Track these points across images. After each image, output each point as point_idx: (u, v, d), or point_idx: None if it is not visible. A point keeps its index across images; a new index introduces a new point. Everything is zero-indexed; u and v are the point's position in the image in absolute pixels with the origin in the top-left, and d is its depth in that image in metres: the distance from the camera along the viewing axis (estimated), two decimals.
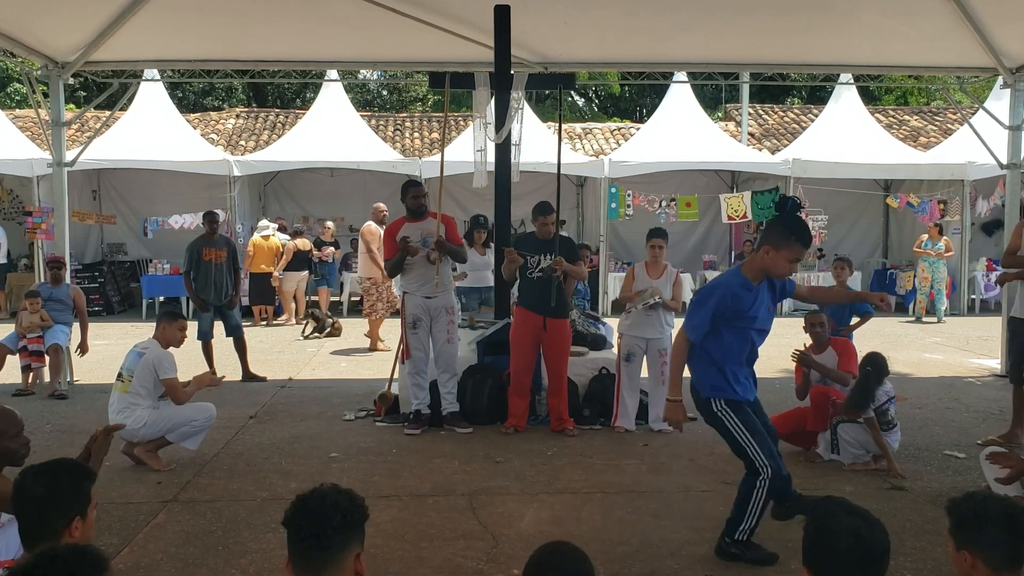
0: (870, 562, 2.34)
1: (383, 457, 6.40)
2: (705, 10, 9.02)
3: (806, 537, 2.42)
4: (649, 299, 7.08)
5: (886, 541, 2.38)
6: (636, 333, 7.24)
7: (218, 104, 28.89)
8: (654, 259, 7.30)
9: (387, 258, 7.38)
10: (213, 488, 5.66)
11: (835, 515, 2.39)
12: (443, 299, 7.24)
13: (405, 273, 7.26)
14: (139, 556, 4.47)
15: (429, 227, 7.23)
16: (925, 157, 17.01)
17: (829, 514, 2.40)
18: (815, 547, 2.40)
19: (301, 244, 14.79)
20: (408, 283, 7.28)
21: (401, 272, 7.29)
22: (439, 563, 4.40)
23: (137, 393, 6.07)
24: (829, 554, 2.36)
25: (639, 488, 5.68)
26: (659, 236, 7.33)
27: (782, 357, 11.08)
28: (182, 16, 9.17)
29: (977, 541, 2.60)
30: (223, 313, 9.53)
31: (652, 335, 7.21)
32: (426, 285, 7.16)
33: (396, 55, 11.13)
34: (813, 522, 2.43)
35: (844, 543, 2.33)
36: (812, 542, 2.41)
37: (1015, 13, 8.73)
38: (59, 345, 8.83)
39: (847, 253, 15.69)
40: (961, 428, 7.39)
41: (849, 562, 2.32)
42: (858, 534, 2.34)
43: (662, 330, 7.23)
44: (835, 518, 2.38)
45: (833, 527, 2.36)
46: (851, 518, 2.38)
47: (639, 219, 15.93)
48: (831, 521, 2.38)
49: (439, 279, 7.13)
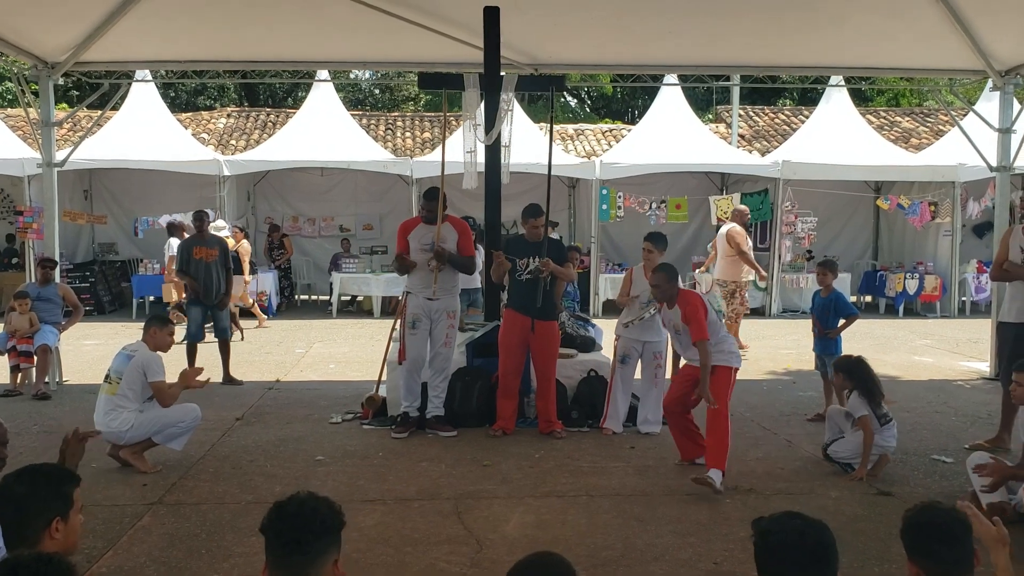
0: (815, 557, 2.38)
1: (369, 460, 6.38)
2: (696, 13, 9.03)
3: (755, 547, 2.47)
4: (648, 311, 7.07)
5: (829, 537, 2.43)
6: (634, 336, 7.23)
7: (210, 103, 28.84)
8: (649, 263, 7.31)
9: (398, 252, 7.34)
10: (198, 491, 5.65)
11: (778, 519, 2.47)
12: (446, 302, 7.20)
13: (411, 273, 7.23)
14: (123, 559, 4.45)
15: (442, 232, 7.18)
16: (916, 159, 17.06)
17: (773, 519, 2.48)
18: (761, 549, 2.45)
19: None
20: (412, 283, 7.23)
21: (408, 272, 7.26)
22: (422, 568, 4.39)
23: (124, 395, 6.05)
24: (775, 553, 2.41)
25: (625, 491, 5.68)
26: (648, 240, 7.34)
27: (769, 359, 11.16)
28: (172, 17, 9.15)
29: (920, 552, 2.65)
30: (213, 314, 9.51)
31: (650, 338, 7.21)
32: (429, 287, 7.14)
33: (387, 56, 11.13)
34: (758, 531, 2.48)
35: (788, 540, 2.39)
36: (758, 546, 2.46)
37: (1005, 16, 8.77)
38: (48, 346, 8.79)
39: (837, 255, 15.84)
40: (949, 432, 7.39)
41: (795, 558, 2.37)
42: (800, 531, 2.40)
43: (659, 333, 7.22)
44: (777, 520, 2.46)
45: (775, 528, 2.43)
46: (792, 520, 2.45)
47: (630, 221, 15.98)
48: (774, 523, 2.45)
49: (436, 287, 7.09)
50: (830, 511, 5.30)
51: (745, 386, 9.34)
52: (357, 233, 18.30)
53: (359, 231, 18.35)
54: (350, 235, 18.07)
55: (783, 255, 15.94)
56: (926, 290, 15.87)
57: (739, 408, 8.02)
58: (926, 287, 15.86)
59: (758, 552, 2.45)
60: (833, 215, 17.52)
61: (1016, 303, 6.54)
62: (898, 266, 16.99)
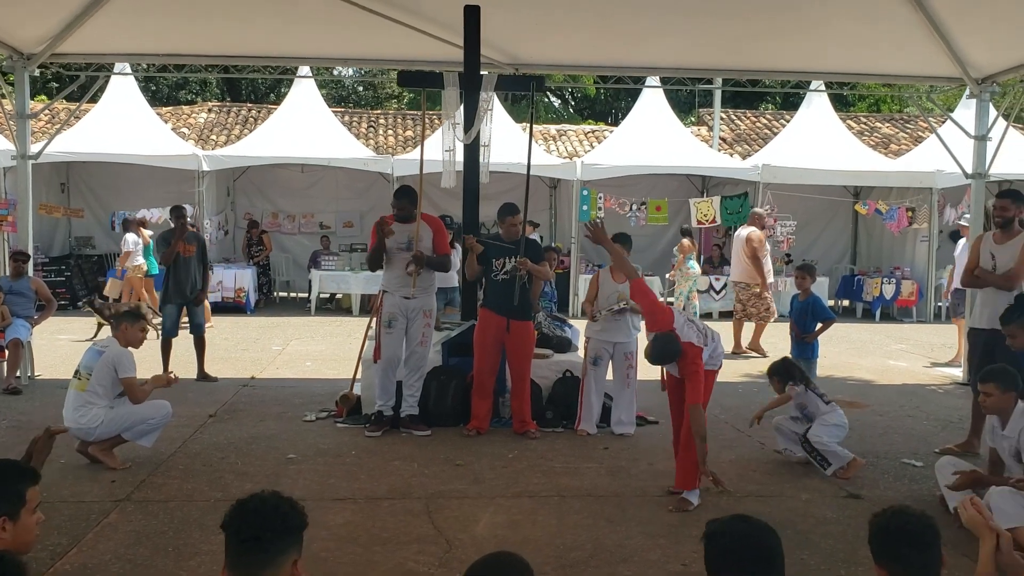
0: (760, 560, 2.40)
1: (341, 459, 6.35)
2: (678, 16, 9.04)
3: (705, 550, 2.49)
4: (616, 304, 7.09)
5: (776, 540, 2.45)
6: (604, 337, 7.24)
7: (191, 98, 28.65)
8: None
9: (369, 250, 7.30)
10: (167, 488, 5.60)
11: (726, 522, 2.49)
12: (422, 300, 7.16)
13: (387, 270, 7.20)
14: (87, 557, 4.41)
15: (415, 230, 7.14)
16: (894, 164, 17.19)
17: (720, 523, 2.49)
18: (709, 552, 2.46)
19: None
20: (388, 282, 7.20)
21: (383, 268, 7.22)
22: (390, 567, 4.37)
23: (94, 392, 5.99)
24: (722, 555, 2.43)
25: (596, 492, 5.68)
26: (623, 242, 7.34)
27: (747, 362, 11.20)
28: (150, 10, 9.05)
29: (888, 556, 2.65)
30: (189, 309, 9.44)
31: (620, 339, 7.22)
32: (405, 286, 7.10)
33: (367, 52, 11.10)
34: (707, 532, 2.50)
35: (734, 543, 2.41)
36: (706, 548, 2.47)
37: (981, 24, 8.82)
38: (19, 340, 8.70)
39: (816, 259, 15.89)
40: (921, 436, 7.45)
41: (741, 561, 2.39)
42: (746, 534, 2.43)
43: (629, 334, 7.25)
44: (725, 523, 2.48)
45: (723, 530, 2.45)
46: (740, 524, 2.47)
47: (609, 222, 15.79)
48: (722, 526, 2.47)
49: (415, 292, 7.05)
50: (800, 513, 5.34)
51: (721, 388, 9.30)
52: (337, 230, 18.23)
53: (339, 228, 18.29)
54: (330, 232, 18.00)
55: None
56: (903, 295, 15.97)
57: (714, 410, 8.02)
58: (903, 292, 15.97)
59: (706, 554, 2.47)
60: (812, 219, 17.61)
61: (987, 309, 6.59)
62: (876, 271, 17.09)
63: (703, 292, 15.98)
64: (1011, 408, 5.07)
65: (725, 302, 16.18)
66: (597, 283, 7.36)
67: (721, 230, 17.45)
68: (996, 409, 5.13)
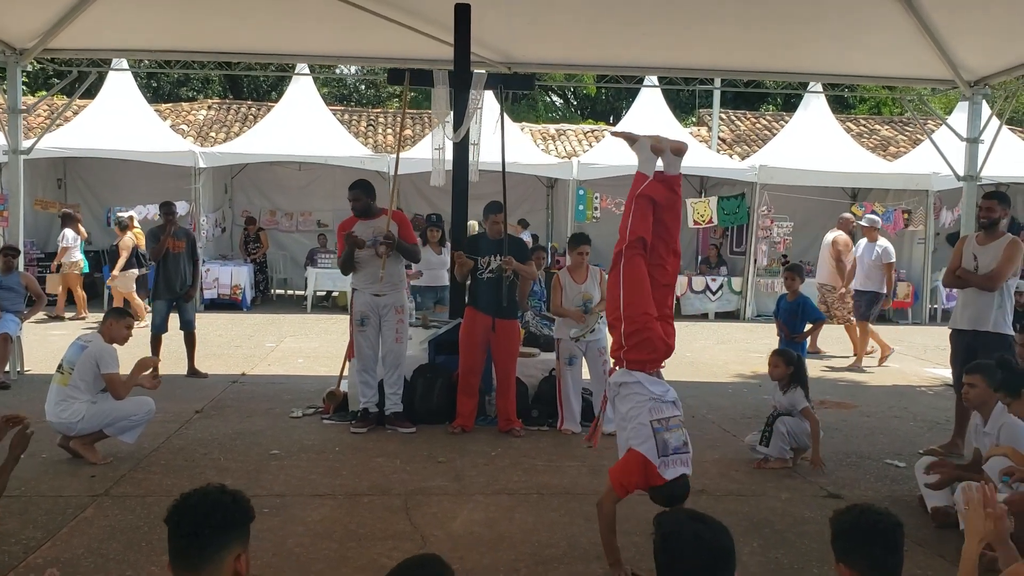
0: (715, 562, 2.38)
1: (324, 455, 6.35)
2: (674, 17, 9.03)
3: (654, 546, 2.46)
4: (586, 331, 7.11)
5: (728, 541, 2.42)
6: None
7: (193, 95, 28.67)
8: (578, 265, 7.31)
9: (339, 255, 7.36)
10: (147, 483, 5.61)
11: (679, 521, 2.45)
12: (392, 297, 7.19)
13: (355, 270, 7.23)
14: (60, 551, 4.41)
15: (380, 225, 7.19)
16: (891, 167, 17.16)
17: (673, 521, 2.46)
18: (660, 550, 2.44)
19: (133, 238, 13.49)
20: (357, 280, 7.24)
21: (352, 270, 7.26)
22: (364, 563, 4.37)
23: (76, 386, 6.00)
24: (672, 555, 2.40)
25: (576, 490, 5.68)
26: (586, 243, 7.37)
27: (738, 362, 11.19)
28: (144, 5, 9.07)
29: (850, 554, 2.62)
30: (179, 306, 9.45)
31: (590, 337, 7.22)
32: (375, 283, 7.12)
33: (361, 50, 11.10)
34: (659, 531, 2.47)
35: (685, 543, 2.38)
36: (659, 550, 2.44)
37: (973, 27, 8.81)
38: (8, 335, 8.72)
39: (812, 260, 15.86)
40: (906, 437, 7.44)
41: (692, 561, 2.37)
42: (701, 536, 2.38)
43: (599, 331, 7.25)
44: (678, 524, 2.43)
45: (674, 529, 2.42)
46: (694, 524, 2.43)
47: (606, 221, 15.96)
48: (675, 527, 2.43)
49: (384, 274, 7.07)
50: (779, 512, 5.34)
51: (711, 388, 9.41)
52: (334, 228, 18.16)
53: (336, 226, 18.22)
54: (327, 230, 17.98)
55: (758, 259, 16.00)
56: (898, 297, 15.93)
57: (701, 410, 8.05)
58: (898, 294, 15.92)
59: (656, 552, 2.44)
60: (809, 220, 17.55)
61: (968, 310, 6.58)
62: None
63: (699, 293, 15.98)
64: (993, 404, 5.11)
65: (721, 302, 16.21)
66: (560, 285, 7.34)
67: (718, 231, 17.46)
68: (978, 402, 5.17)
